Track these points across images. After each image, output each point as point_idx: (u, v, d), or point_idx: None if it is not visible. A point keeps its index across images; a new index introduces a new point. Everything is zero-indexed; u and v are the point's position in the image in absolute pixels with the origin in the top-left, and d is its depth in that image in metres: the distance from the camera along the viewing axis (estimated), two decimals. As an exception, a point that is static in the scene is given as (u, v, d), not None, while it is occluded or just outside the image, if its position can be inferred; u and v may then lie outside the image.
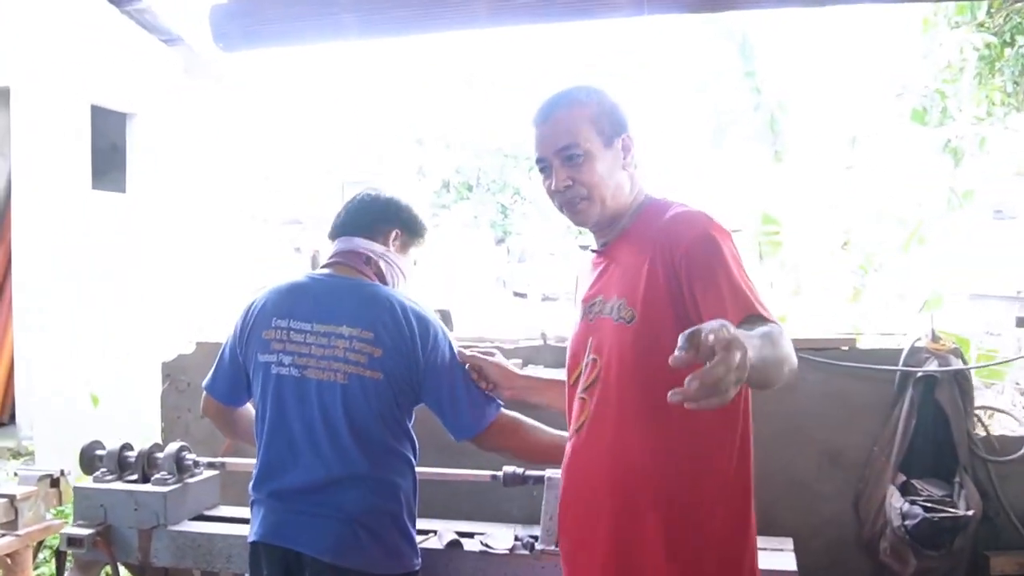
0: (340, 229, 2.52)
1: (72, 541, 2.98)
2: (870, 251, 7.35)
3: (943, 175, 6.78)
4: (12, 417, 6.90)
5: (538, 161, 2.05)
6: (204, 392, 2.66)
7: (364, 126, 19.61)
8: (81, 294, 6.93)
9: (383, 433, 2.32)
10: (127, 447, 3.19)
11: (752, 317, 1.73)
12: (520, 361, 3.46)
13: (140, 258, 7.55)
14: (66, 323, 6.79)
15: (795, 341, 1.75)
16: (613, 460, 1.94)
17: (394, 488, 2.33)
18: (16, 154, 6.75)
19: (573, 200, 2.00)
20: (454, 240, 17.51)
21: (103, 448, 3.28)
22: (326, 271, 2.47)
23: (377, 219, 2.51)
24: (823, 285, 7.15)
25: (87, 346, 6.81)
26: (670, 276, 1.85)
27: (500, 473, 2.88)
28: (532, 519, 2.87)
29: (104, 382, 6.63)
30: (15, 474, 5.87)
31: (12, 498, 3.45)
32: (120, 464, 3.19)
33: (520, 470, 2.86)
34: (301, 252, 14.76)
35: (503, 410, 2.46)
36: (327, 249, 2.57)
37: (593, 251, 2.14)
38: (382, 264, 2.47)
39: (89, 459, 3.29)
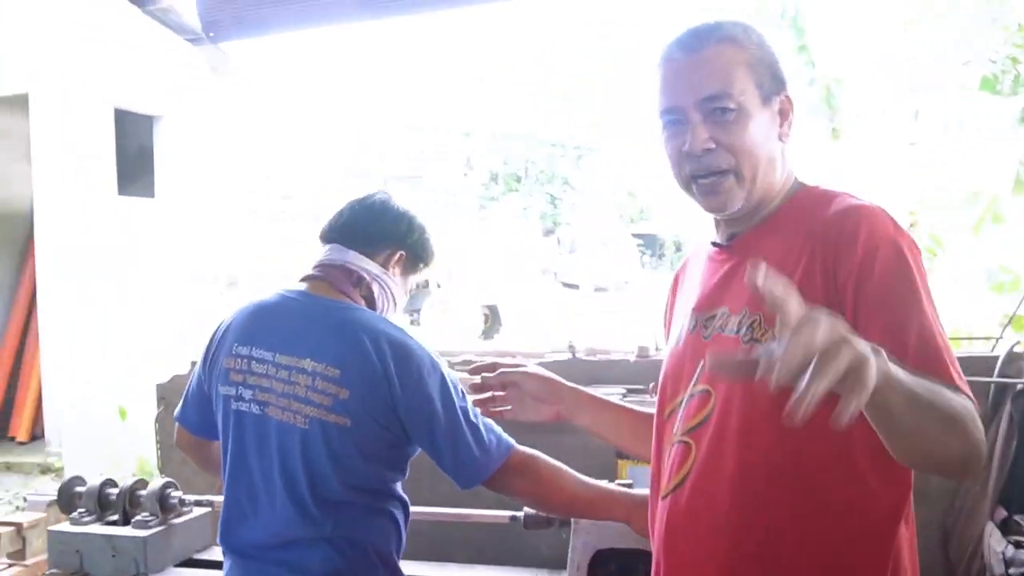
0: (335, 234, 2.08)
1: (46, 592, 2.74)
2: (938, 232, 6.87)
3: (1017, 147, 6.28)
4: (41, 433, 6.78)
5: (668, 112, 1.48)
6: (176, 422, 2.34)
7: (407, 120, 19.38)
8: (108, 304, 6.76)
9: (349, 490, 1.92)
10: (109, 483, 2.93)
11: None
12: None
13: (171, 265, 7.36)
14: (94, 335, 6.63)
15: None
16: (734, 534, 1.42)
17: (364, 551, 1.94)
18: (37, 163, 6.61)
19: (712, 170, 1.45)
20: (502, 233, 17.25)
21: (83, 484, 3.02)
22: (301, 287, 2.06)
23: (382, 234, 2.08)
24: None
25: (115, 358, 6.61)
26: (830, 290, 1.35)
27: (521, 514, 2.56)
28: (560, 562, 2.52)
29: (133, 395, 6.44)
30: (24, 499, 5.77)
31: (19, 526, 3.25)
32: (100, 503, 2.93)
33: (543, 512, 2.53)
34: (345, 251, 14.64)
35: (516, 448, 1.99)
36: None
37: (715, 244, 1.59)
38: (375, 287, 2.06)
39: (68, 497, 3.03)
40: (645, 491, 1.85)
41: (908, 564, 1.42)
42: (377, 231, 2.07)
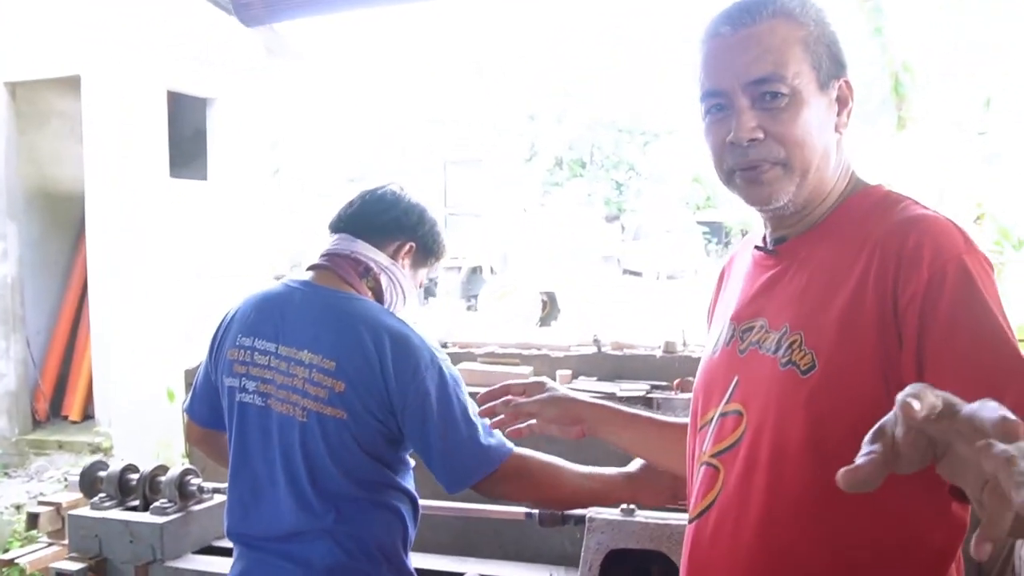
0: (344, 223, 2.04)
1: (61, 577, 2.74)
2: (1008, 224, 6.58)
3: (1092, 137, 5.98)
4: (93, 413, 6.87)
5: (710, 95, 1.31)
6: (185, 415, 2.31)
7: (469, 102, 19.31)
8: (159, 287, 6.80)
9: (350, 484, 1.87)
10: (130, 468, 2.95)
11: None
12: (570, 372, 3.01)
13: (223, 248, 7.39)
14: (144, 317, 6.68)
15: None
16: (762, 569, 1.28)
17: (367, 546, 1.88)
18: (88, 145, 6.66)
19: (759, 163, 1.28)
20: (565, 218, 17.13)
21: (105, 469, 3.03)
22: (307, 277, 2.01)
23: (393, 224, 2.02)
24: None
25: (165, 341, 6.66)
26: (885, 310, 1.17)
27: (536, 511, 2.50)
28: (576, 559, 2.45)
29: (181, 378, 6.50)
30: (64, 479, 5.85)
31: (58, 506, 3.25)
32: (121, 488, 2.94)
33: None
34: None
35: (514, 452, 1.91)
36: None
37: (759, 248, 1.42)
38: (383, 279, 1.99)
39: (90, 482, 3.04)
40: (641, 463, 1.89)
41: None
42: (387, 221, 2.02)
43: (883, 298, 1.18)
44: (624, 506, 2.38)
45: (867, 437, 0.85)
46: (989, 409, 0.76)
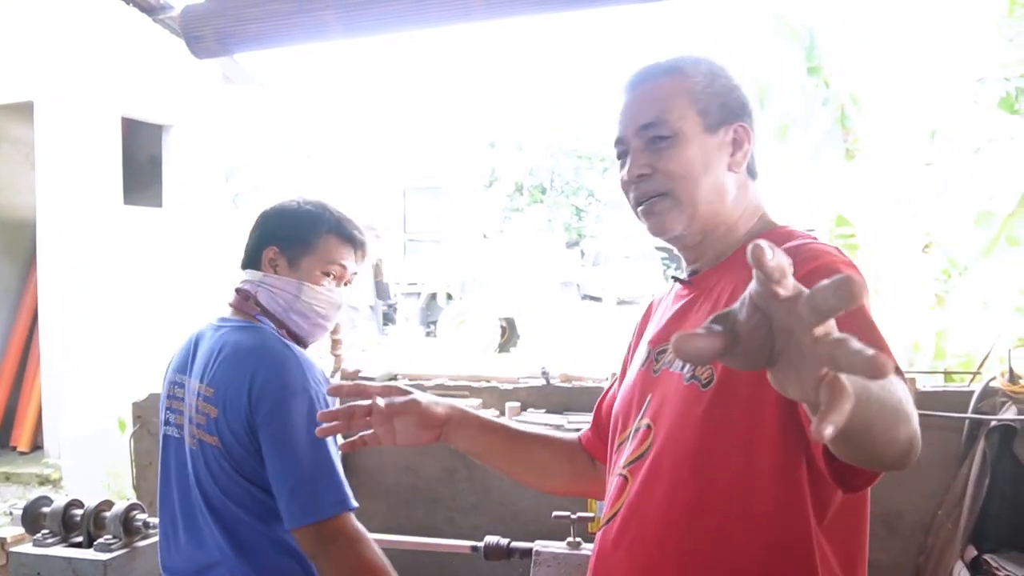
0: (242, 260, 2.07)
1: (0, 617, 2.70)
2: (954, 254, 6.69)
3: (1034, 168, 6.12)
4: (42, 443, 6.77)
5: (616, 143, 1.50)
6: None
7: (428, 129, 19.36)
8: (111, 315, 6.73)
9: (243, 514, 1.86)
10: (75, 504, 2.90)
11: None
12: (519, 404, 3.03)
13: (177, 275, 7.33)
14: (95, 346, 6.60)
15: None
16: (651, 570, 1.37)
17: None
18: (41, 171, 6.60)
19: (649, 195, 1.44)
20: (525, 244, 17.18)
21: (49, 504, 2.98)
22: (225, 313, 2.04)
23: (256, 243, 2.01)
24: (903, 291, 6.53)
25: (116, 370, 6.58)
26: None
27: (481, 544, 2.52)
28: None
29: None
30: (10, 512, 5.75)
31: (3, 541, 3.18)
32: (65, 524, 2.90)
33: (504, 541, 2.48)
34: (362, 261, 14.63)
35: (349, 517, 1.80)
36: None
37: (675, 279, 1.58)
38: (262, 295, 1.98)
39: (33, 518, 3.00)
40: None
41: None
42: (253, 242, 2.03)
43: None
44: (570, 539, 2.41)
45: (711, 317, 0.91)
46: (827, 285, 0.80)
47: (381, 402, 1.61)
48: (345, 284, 2.05)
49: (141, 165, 7.45)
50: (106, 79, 6.77)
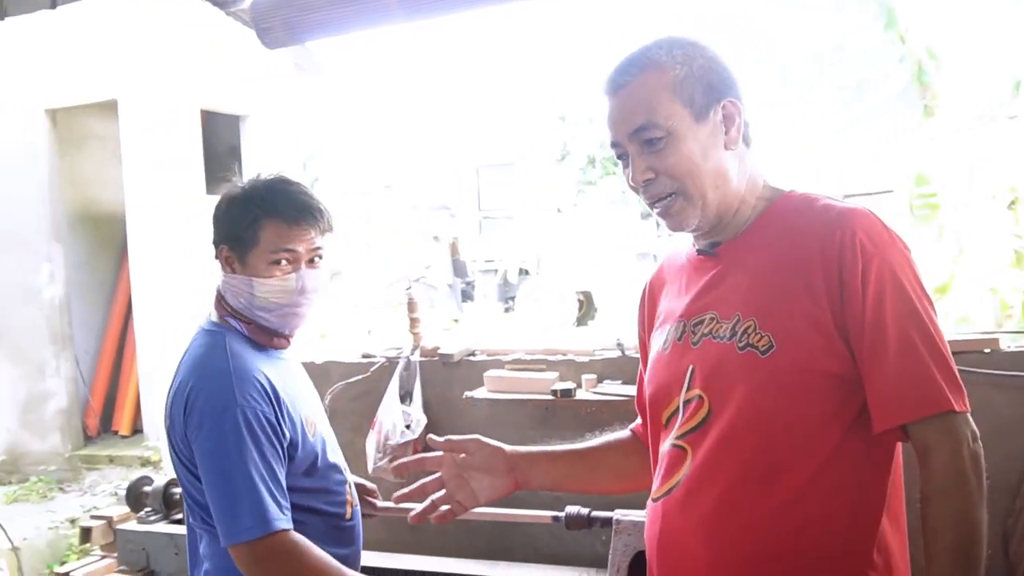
0: None
1: (111, 590, 2.85)
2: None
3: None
4: (142, 427, 7.03)
5: (613, 147, 1.54)
6: None
7: (499, 106, 19.32)
8: (200, 302, 6.92)
9: (201, 516, 1.90)
10: (174, 483, 3.05)
11: (941, 417, 1.34)
12: (595, 376, 3.07)
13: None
14: (187, 332, 6.79)
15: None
16: (726, 538, 1.41)
17: None
18: (127, 167, 6.82)
19: (659, 198, 1.48)
20: (599, 217, 17.07)
21: (151, 484, 3.13)
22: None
23: (213, 242, 1.98)
24: (988, 250, 6.36)
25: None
26: (836, 300, 1.38)
27: (562, 514, 2.57)
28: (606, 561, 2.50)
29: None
30: (116, 493, 6.00)
31: (110, 520, 3.36)
32: (165, 502, 3.04)
33: (585, 511, 2.53)
34: (440, 240, 14.75)
35: (276, 537, 1.76)
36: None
37: (700, 252, 1.58)
38: (228, 296, 1.96)
39: (136, 496, 3.16)
40: None
41: (899, 562, 1.43)
42: (214, 245, 1.99)
43: (831, 283, 1.38)
44: (649, 506, 2.44)
45: None
46: None
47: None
48: (310, 262, 1.94)
49: (221, 155, 7.63)
50: (185, 74, 6.93)
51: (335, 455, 2.05)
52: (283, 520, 1.77)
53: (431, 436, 1.78)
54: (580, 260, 14.96)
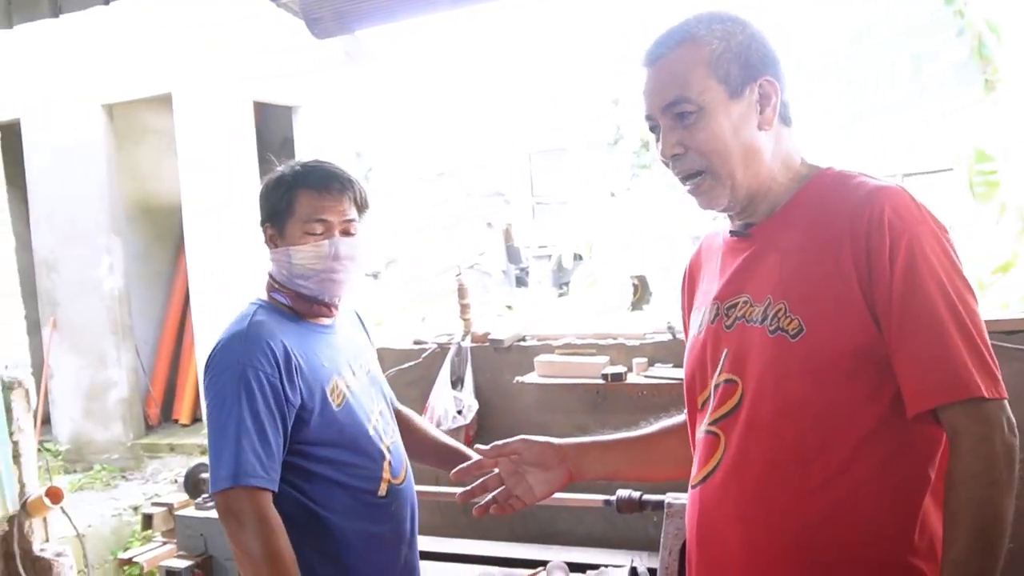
0: None
1: (171, 574, 2.90)
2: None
3: None
4: (201, 415, 7.15)
5: (647, 119, 1.51)
6: None
7: (550, 91, 19.23)
8: (256, 293, 7.00)
9: None
10: (231, 470, 3.06)
11: (971, 402, 1.28)
12: (645, 360, 3.05)
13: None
14: (243, 321, 6.88)
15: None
16: (765, 523, 1.40)
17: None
18: (182, 159, 6.92)
19: (686, 174, 1.46)
20: (654, 200, 16.93)
21: (207, 471, 3.17)
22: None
23: (259, 224, 2.13)
24: (1053, 227, 6.19)
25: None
26: (865, 281, 1.34)
27: (613, 498, 2.56)
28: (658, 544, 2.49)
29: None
30: (176, 480, 6.10)
31: (170, 507, 3.42)
32: (223, 488, 3.07)
33: (636, 494, 2.51)
34: (493, 227, 14.75)
35: (246, 495, 1.82)
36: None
37: (732, 233, 1.56)
38: (273, 270, 2.11)
39: (194, 483, 3.21)
40: None
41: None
42: (261, 228, 2.12)
43: (860, 264, 1.34)
44: (701, 490, 2.42)
45: None
46: None
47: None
48: (342, 232, 2.04)
49: (274, 146, 7.71)
50: (237, 66, 7.00)
51: (378, 432, 2.10)
52: (258, 479, 1.83)
53: (479, 446, 1.78)
54: (634, 244, 14.86)
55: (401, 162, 15.76)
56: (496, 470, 1.74)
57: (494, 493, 1.73)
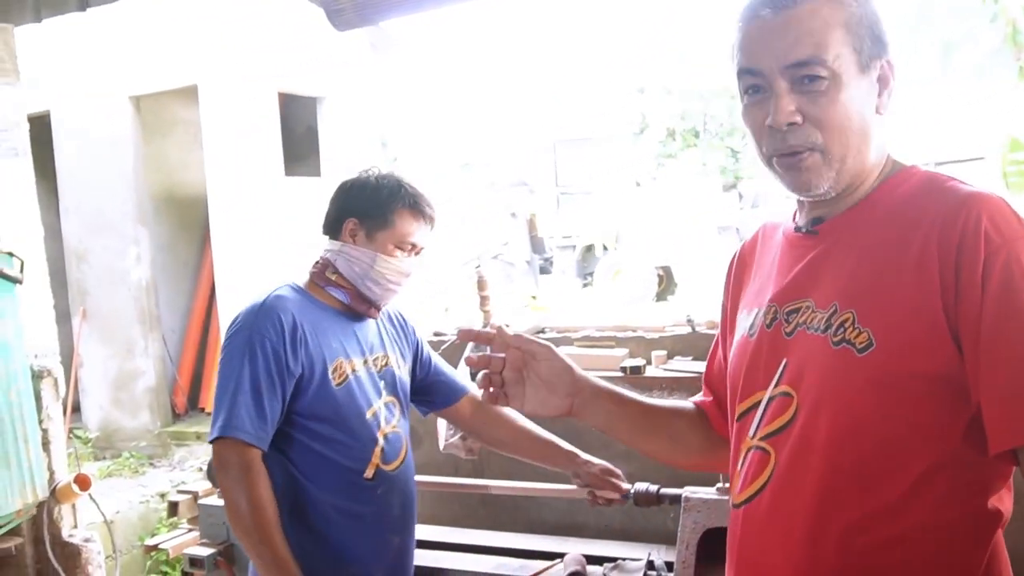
0: (323, 228, 2.31)
1: (194, 562, 2.93)
2: None
3: None
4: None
5: (747, 73, 1.29)
6: None
7: (575, 81, 19.19)
8: (280, 282, 7.04)
9: None
10: (253, 459, 3.09)
11: None
12: (665, 353, 3.05)
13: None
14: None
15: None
16: (816, 549, 1.26)
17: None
18: (208, 150, 6.96)
19: (796, 150, 1.25)
20: (681, 190, 16.87)
21: (230, 460, 3.20)
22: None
23: (335, 213, 2.25)
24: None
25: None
26: (950, 296, 1.17)
27: (631, 490, 2.56)
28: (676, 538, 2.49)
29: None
30: (202, 468, 6.15)
31: (195, 495, 3.45)
32: (246, 477, 3.09)
33: (653, 488, 2.51)
34: (517, 217, 14.76)
35: (236, 447, 2.00)
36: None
37: (798, 229, 1.39)
38: (340, 263, 2.22)
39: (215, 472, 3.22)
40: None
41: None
42: (332, 213, 2.25)
43: (946, 276, 1.17)
44: (720, 485, 2.42)
45: None
46: None
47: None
48: (416, 254, 2.25)
49: (299, 137, 7.74)
50: (262, 58, 7.03)
51: (377, 419, 2.21)
52: (246, 433, 1.99)
53: (502, 326, 1.55)
54: (660, 234, 14.81)
55: (426, 152, 15.81)
56: (503, 355, 1.52)
57: (488, 372, 1.52)
